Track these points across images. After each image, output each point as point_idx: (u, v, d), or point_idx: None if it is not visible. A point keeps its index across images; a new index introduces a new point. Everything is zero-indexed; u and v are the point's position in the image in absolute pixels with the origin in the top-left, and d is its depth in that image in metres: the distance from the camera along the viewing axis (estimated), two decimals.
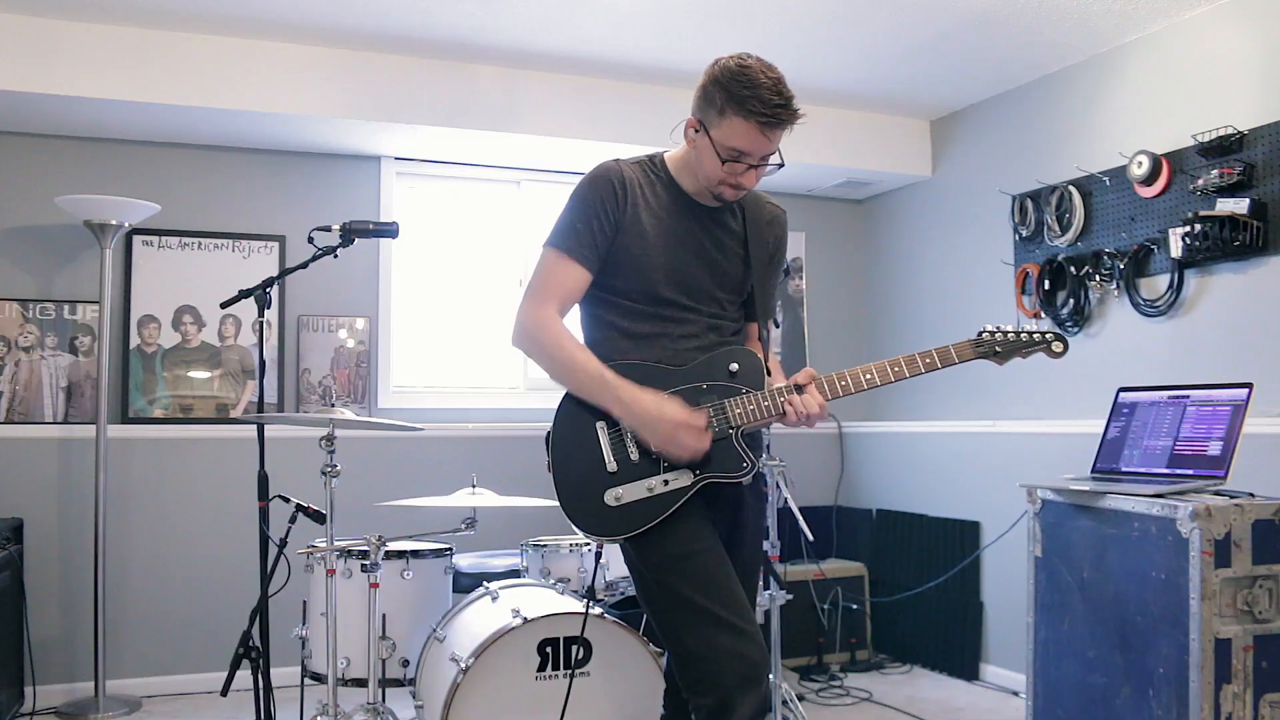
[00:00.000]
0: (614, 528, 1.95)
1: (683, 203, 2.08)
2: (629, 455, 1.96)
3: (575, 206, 2.04)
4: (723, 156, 1.95)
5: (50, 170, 4.27)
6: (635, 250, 2.03)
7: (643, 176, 2.08)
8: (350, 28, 3.95)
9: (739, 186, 2.01)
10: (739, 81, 1.92)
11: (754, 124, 1.92)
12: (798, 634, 4.58)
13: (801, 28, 3.96)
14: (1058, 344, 2.16)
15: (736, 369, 2.03)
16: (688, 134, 2.03)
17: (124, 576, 4.23)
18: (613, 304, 2.07)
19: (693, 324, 2.06)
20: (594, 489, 1.95)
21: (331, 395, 4.55)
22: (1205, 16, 3.69)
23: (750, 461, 2.00)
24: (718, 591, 1.92)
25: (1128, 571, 2.63)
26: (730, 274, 2.11)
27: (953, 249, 4.91)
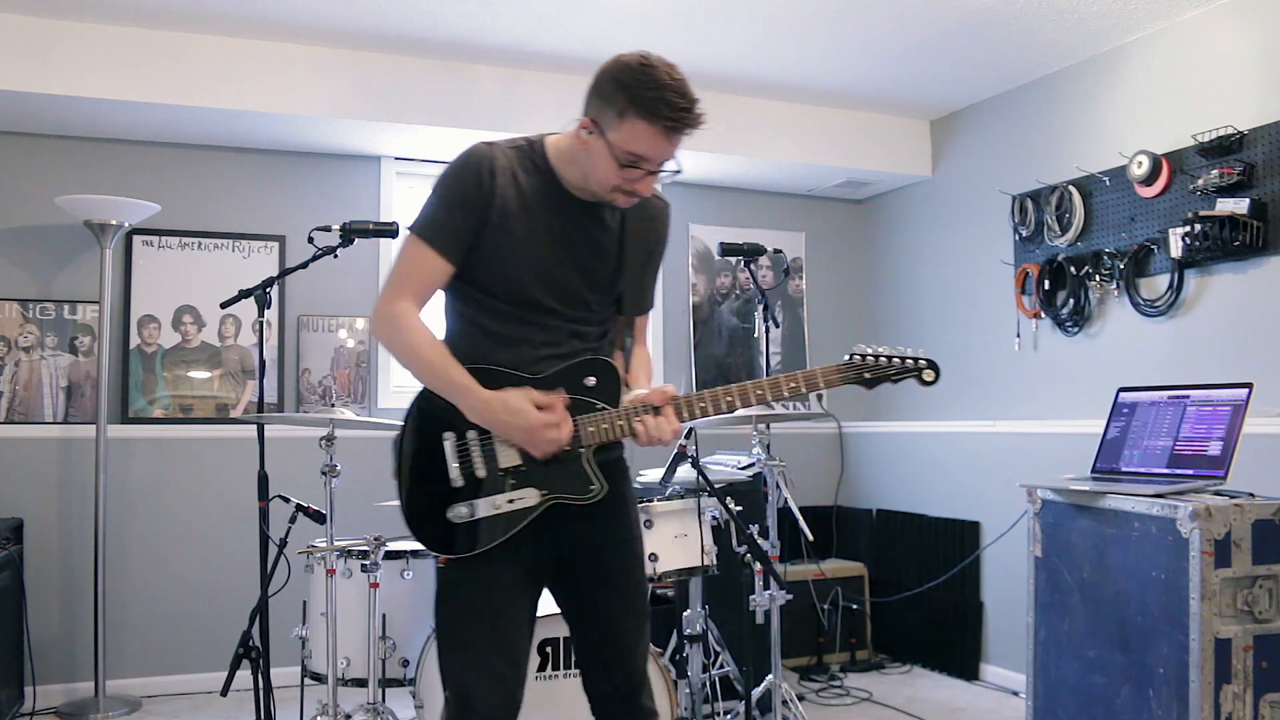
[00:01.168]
0: (453, 544, 1.85)
1: (559, 197, 1.91)
2: (474, 471, 1.86)
3: (439, 193, 1.88)
4: (620, 161, 1.79)
5: (50, 170, 4.27)
6: (502, 246, 1.87)
7: (518, 164, 1.89)
8: (350, 28, 3.95)
9: (633, 193, 1.86)
10: (642, 82, 1.76)
11: (658, 129, 1.77)
12: (798, 634, 4.58)
13: (801, 28, 3.96)
14: (929, 373, 2.02)
15: (593, 383, 1.90)
16: (579, 134, 1.84)
17: (124, 576, 4.23)
18: (476, 300, 1.92)
19: (556, 330, 1.92)
20: (437, 504, 1.85)
21: (331, 395, 4.55)
22: (1205, 16, 3.69)
23: (599, 483, 1.88)
24: (488, 628, 1.86)
25: (1128, 571, 2.63)
26: (602, 275, 1.96)
27: (953, 249, 4.91)
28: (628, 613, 2.00)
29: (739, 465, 3.71)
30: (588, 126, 1.83)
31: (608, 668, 2.00)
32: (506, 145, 1.92)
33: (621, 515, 2.02)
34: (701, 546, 3.15)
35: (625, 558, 2.01)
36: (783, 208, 5.47)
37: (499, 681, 1.87)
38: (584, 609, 2.01)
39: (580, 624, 2.02)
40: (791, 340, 5.45)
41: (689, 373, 5.18)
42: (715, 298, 5.34)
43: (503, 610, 1.89)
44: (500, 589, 1.89)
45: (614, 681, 1.99)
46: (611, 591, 1.99)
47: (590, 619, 2.00)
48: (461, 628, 1.88)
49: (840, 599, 4.77)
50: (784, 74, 4.48)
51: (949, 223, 4.96)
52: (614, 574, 1.99)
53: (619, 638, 1.99)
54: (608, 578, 1.99)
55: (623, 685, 1.99)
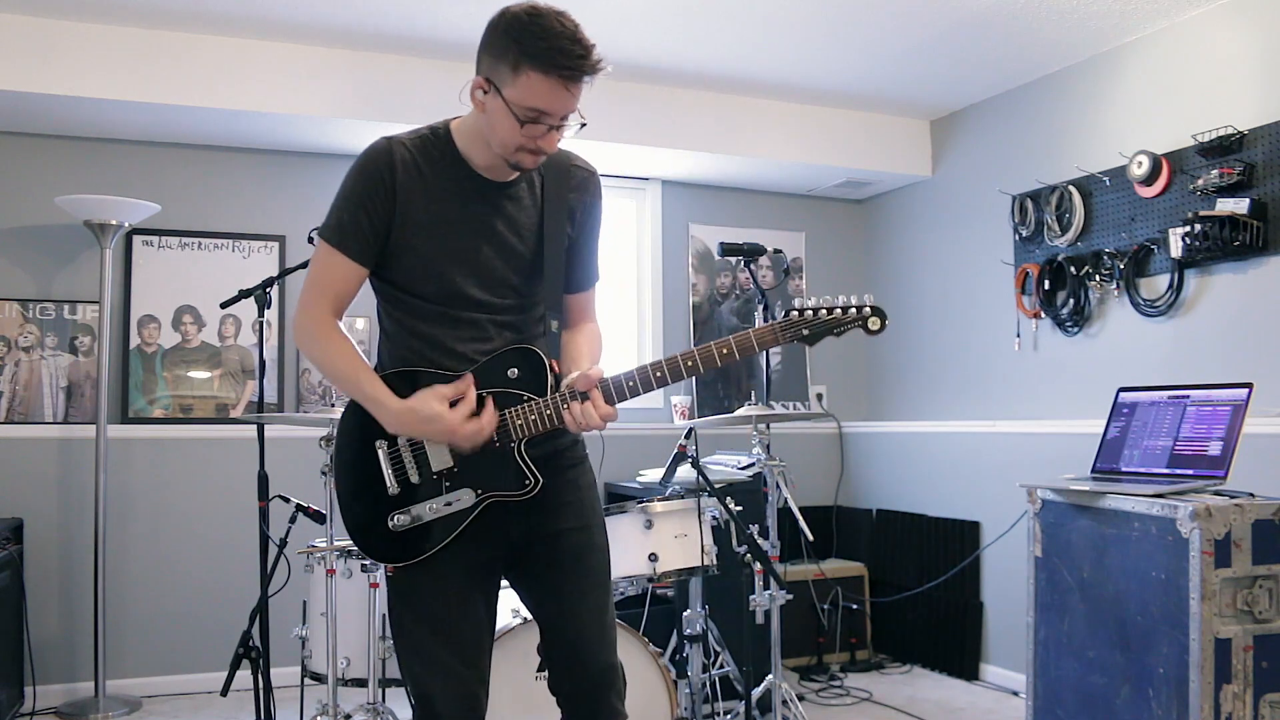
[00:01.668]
0: (398, 552, 1.82)
1: (469, 180, 1.84)
2: (409, 477, 1.82)
3: (343, 195, 1.82)
4: (521, 118, 1.72)
5: (50, 170, 4.27)
6: (415, 242, 1.81)
7: (421, 155, 1.83)
8: (350, 28, 3.95)
9: (539, 151, 1.77)
10: (532, 32, 1.69)
11: (555, 79, 1.69)
12: (798, 634, 4.58)
13: (801, 28, 3.96)
14: (874, 319, 1.86)
15: (515, 374, 1.83)
16: (475, 96, 1.78)
17: (124, 576, 4.23)
18: (401, 301, 1.87)
19: (483, 325, 1.86)
20: (377, 513, 1.82)
21: (331, 395, 4.55)
22: (1205, 16, 3.69)
23: (533, 478, 1.82)
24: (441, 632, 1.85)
25: (1128, 571, 2.63)
26: (525, 256, 1.88)
27: (953, 249, 4.91)
28: (584, 604, 1.92)
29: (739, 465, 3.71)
30: (482, 86, 1.77)
31: (568, 664, 1.94)
32: (407, 137, 1.86)
33: (574, 505, 1.94)
34: (701, 546, 3.15)
35: (577, 545, 1.93)
36: (783, 208, 5.47)
37: (458, 683, 1.84)
38: (539, 603, 1.95)
39: (539, 619, 1.97)
40: None
41: None
42: (715, 298, 5.34)
43: (454, 612, 1.86)
44: (450, 592, 1.86)
45: (576, 679, 1.94)
46: (563, 582, 1.92)
47: (545, 613, 1.95)
48: (415, 634, 1.86)
49: (840, 599, 4.77)
50: (784, 74, 4.48)
51: (949, 223, 4.96)
52: (565, 563, 1.92)
53: (576, 631, 1.92)
54: (559, 568, 1.92)
55: (585, 682, 1.93)
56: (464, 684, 1.85)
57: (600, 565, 1.97)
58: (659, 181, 5.17)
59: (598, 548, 1.97)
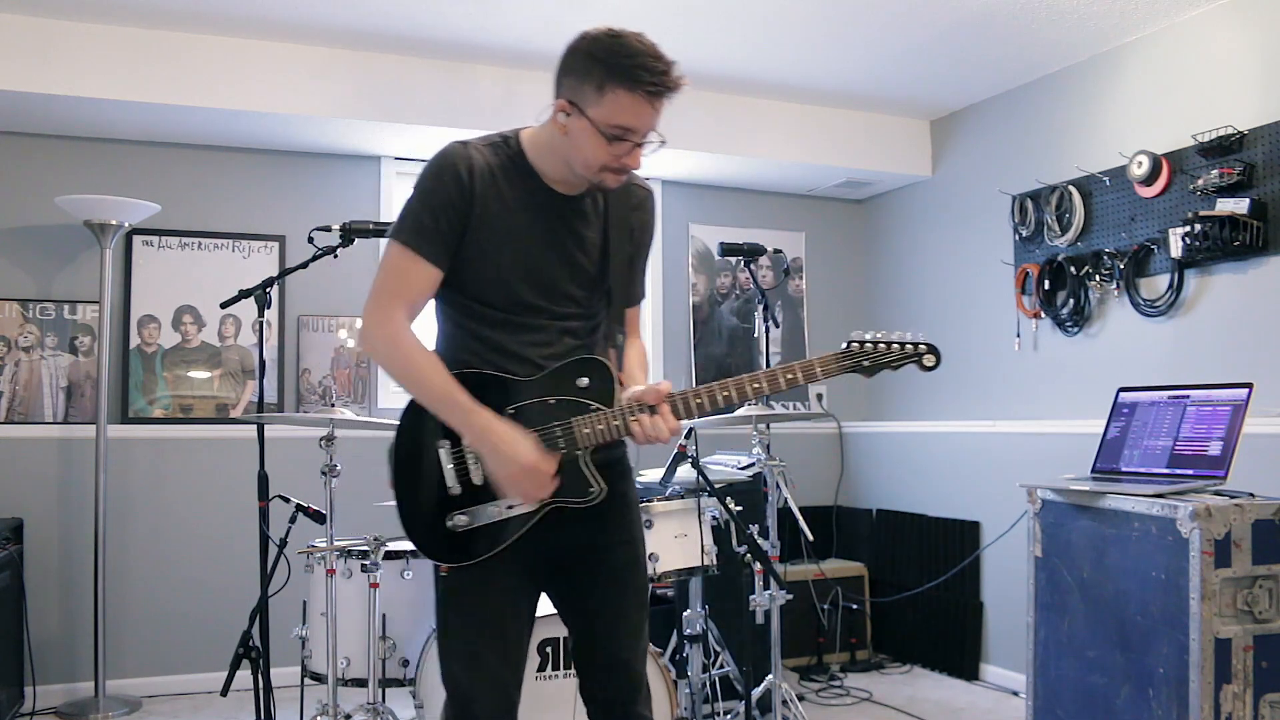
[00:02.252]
0: (455, 552, 1.83)
1: (540, 193, 1.87)
2: (471, 478, 1.83)
3: (420, 197, 1.82)
4: (608, 135, 1.76)
5: (50, 170, 4.27)
6: (487, 248, 1.83)
7: (495, 162, 1.85)
8: (350, 28, 3.95)
9: (623, 170, 1.81)
10: (615, 52, 1.75)
11: (640, 95, 1.74)
12: (798, 634, 4.58)
13: (801, 28, 3.96)
14: (929, 357, 1.97)
15: (586, 384, 1.85)
16: (557, 119, 1.81)
17: (124, 576, 4.23)
18: (463, 305, 1.88)
19: (547, 330, 1.88)
20: (437, 513, 1.83)
21: (331, 395, 4.55)
22: (1205, 16, 3.69)
23: (598, 485, 1.84)
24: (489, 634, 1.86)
25: (1128, 571, 2.63)
26: (588, 270, 1.92)
27: (953, 249, 4.91)
28: (624, 616, 1.96)
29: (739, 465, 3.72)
30: (565, 109, 1.80)
31: (604, 672, 1.96)
32: (482, 143, 1.88)
33: (621, 517, 1.98)
34: (701, 546, 3.15)
35: (624, 560, 1.97)
36: (783, 208, 5.47)
37: (499, 687, 1.86)
38: (581, 612, 1.98)
39: (577, 627, 1.99)
40: (791, 340, 5.45)
41: (689, 373, 5.18)
42: (715, 298, 5.34)
43: (503, 616, 1.88)
44: (500, 595, 1.87)
45: (610, 688, 1.96)
46: (609, 594, 1.96)
47: (587, 622, 1.97)
48: (463, 635, 1.87)
49: (840, 599, 4.77)
50: (784, 74, 4.48)
51: (949, 223, 4.96)
52: (611, 576, 1.96)
53: (615, 642, 1.96)
54: (605, 580, 1.95)
55: (619, 692, 1.96)
56: (504, 688, 1.87)
57: (643, 582, 2.01)
58: (659, 181, 5.17)
59: (640, 564, 2.01)
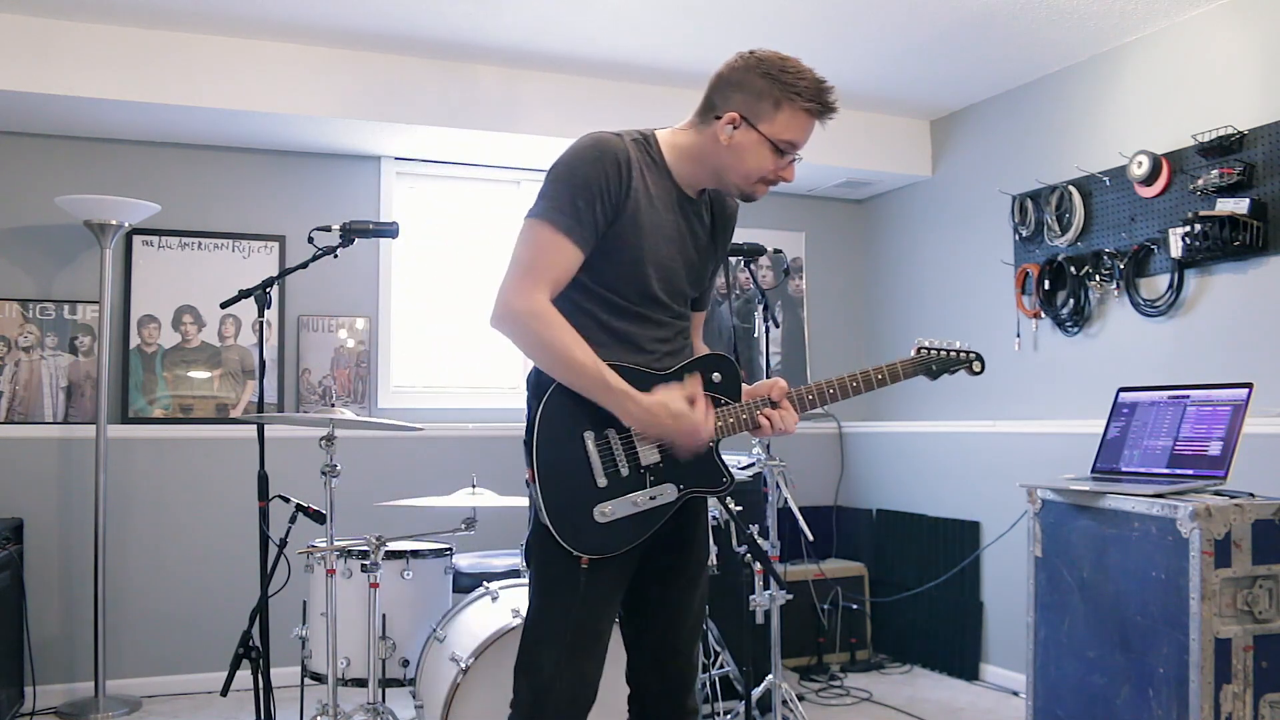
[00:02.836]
0: (604, 544, 1.85)
1: (674, 192, 1.96)
2: (618, 469, 1.87)
3: (575, 180, 1.84)
4: (781, 149, 1.90)
5: (50, 170, 4.27)
6: (630, 240, 1.88)
7: (641, 158, 1.92)
8: (350, 28, 3.95)
9: (777, 181, 1.96)
10: (791, 73, 1.88)
11: (812, 115, 1.90)
12: (798, 634, 4.58)
13: (801, 28, 3.96)
14: (977, 364, 2.17)
15: (719, 379, 1.96)
16: (723, 131, 1.89)
17: (124, 576, 4.23)
18: (595, 293, 1.91)
19: (668, 325, 1.98)
20: (584, 504, 1.85)
21: (331, 395, 4.55)
22: (1205, 16, 3.69)
23: (729, 475, 1.95)
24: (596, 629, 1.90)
25: (1128, 571, 2.63)
26: (700, 270, 2.04)
27: (953, 249, 4.91)
28: (691, 611, 2.05)
29: (739, 465, 3.72)
30: (734, 122, 1.89)
31: (663, 664, 2.02)
32: (629, 137, 1.93)
33: (703, 515, 2.09)
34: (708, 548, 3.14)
35: (700, 559, 2.08)
36: (783, 208, 5.47)
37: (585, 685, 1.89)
38: (651, 603, 2.02)
39: (642, 618, 2.03)
40: (791, 340, 5.45)
41: None
42: (715, 298, 5.32)
43: (605, 613, 1.92)
44: (614, 591, 1.93)
45: (667, 678, 2.02)
46: (682, 589, 2.03)
47: (655, 613, 2.02)
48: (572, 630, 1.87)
49: (840, 599, 4.77)
50: None
51: (949, 223, 4.96)
52: (686, 572, 2.04)
53: (678, 635, 2.03)
54: (681, 575, 2.03)
55: (674, 683, 2.03)
56: (589, 684, 1.90)
57: (705, 581, 2.12)
58: None
59: (706, 565, 2.12)
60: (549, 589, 1.91)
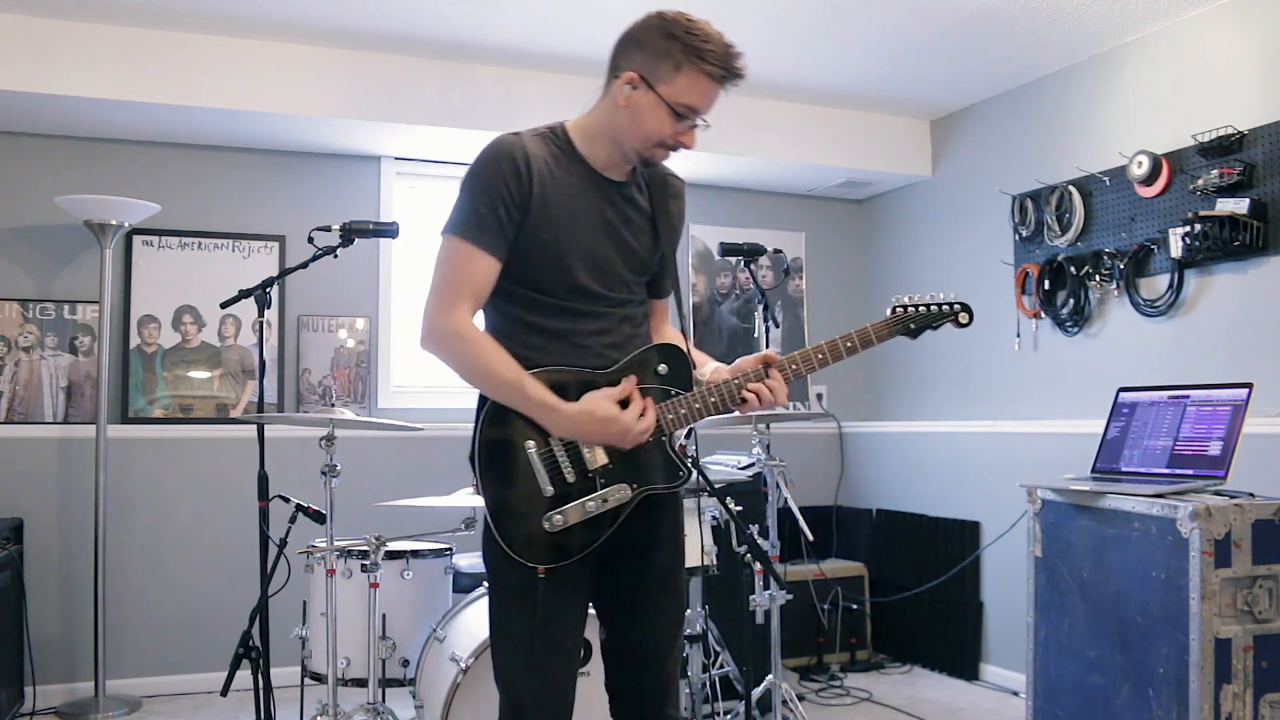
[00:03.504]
0: (558, 553, 1.81)
1: (591, 178, 1.90)
2: (564, 476, 1.82)
3: (476, 189, 1.82)
4: (678, 113, 1.82)
5: (50, 170, 4.27)
6: (545, 235, 1.83)
7: (546, 150, 1.87)
8: (350, 28, 3.95)
9: (675, 147, 1.87)
10: (695, 35, 1.81)
11: (714, 80, 1.83)
12: (798, 634, 4.58)
13: (801, 28, 3.96)
14: (964, 314, 2.07)
15: (665, 370, 1.89)
16: (621, 91, 1.83)
17: (124, 576, 4.23)
18: (520, 295, 1.87)
19: (605, 316, 1.90)
20: (533, 515, 1.80)
21: (331, 395, 4.55)
22: (1205, 16, 3.69)
23: (685, 469, 1.88)
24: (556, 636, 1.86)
25: (1128, 571, 2.63)
26: (640, 254, 1.95)
27: (953, 249, 4.91)
28: (665, 615, 1.98)
29: (739, 465, 3.72)
30: (632, 82, 1.83)
31: (639, 670, 1.97)
32: (531, 134, 1.90)
33: (672, 516, 2.00)
34: (701, 546, 3.15)
35: (670, 559, 1.99)
36: (783, 208, 5.47)
37: (556, 688, 1.86)
38: (621, 608, 1.98)
39: (616, 622, 1.99)
40: (791, 340, 5.45)
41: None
42: (715, 298, 5.34)
43: (564, 617, 1.87)
44: (575, 597, 1.88)
45: (643, 685, 1.97)
46: (651, 593, 1.96)
47: (626, 619, 1.97)
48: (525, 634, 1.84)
49: (840, 599, 4.77)
50: (784, 74, 4.48)
51: (949, 223, 4.96)
52: (656, 576, 1.97)
53: (652, 640, 1.96)
54: (650, 579, 1.96)
55: (651, 690, 1.97)
56: (561, 688, 1.87)
57: (683, 585, 2.04)
58: None
59: (682, 567, 2.04)
60: (508, 599, 1.87)
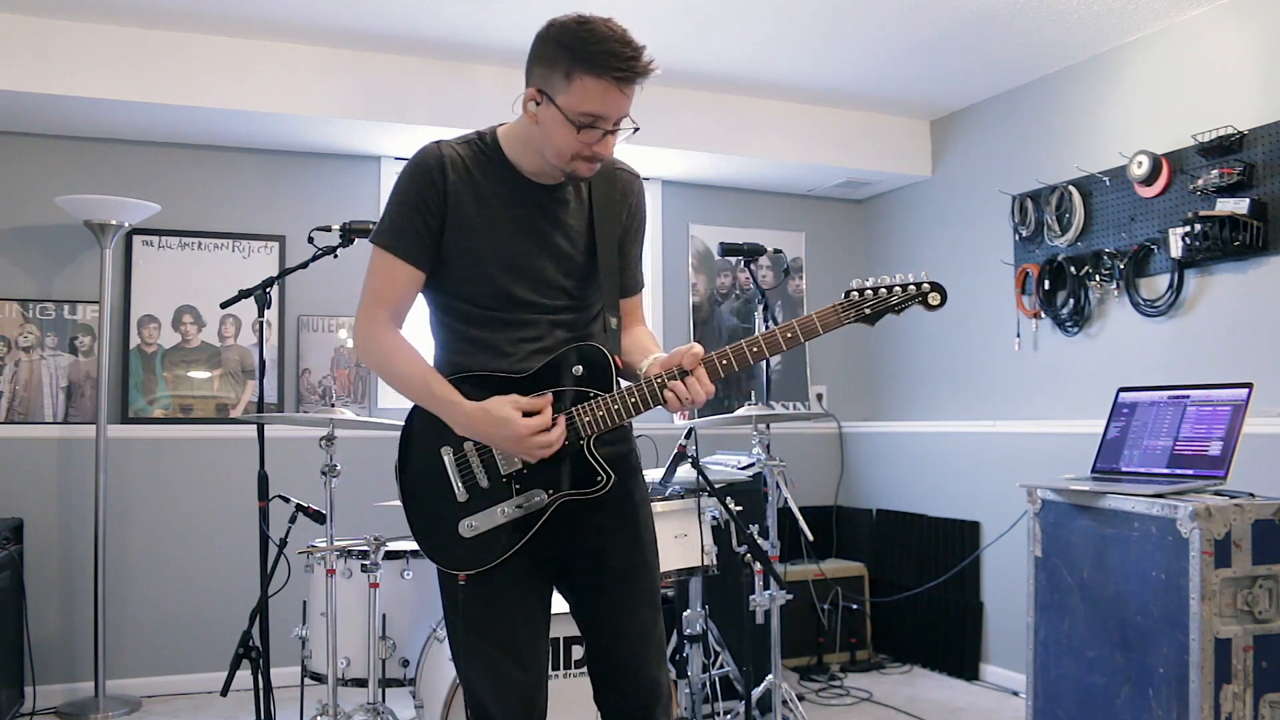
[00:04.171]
0: (472, 559, 1.80)
1: (518, 185, 1.86)
2: (478, 481, 1.81)
3: (396, 198, 1.84)
4: (577, 124, 1.74)
5: (50, 170, 4.27)
6: (466, 244, 1.82)
7: (470, 158, 1.85)
8: (350, 28, 3.95)
9: (594, 158, 1.80)
10: (582, 38, 1.73)
11: (608, 81, 1.73)
12: (798, 634, 4.58)
13: (801, 28, 3.96)
14: (934, 295, 1.90)
15: (581, 371, 1.83)
16: (527, 109, 1.80)
17: (124, 576, 4.23)
18: (450, 305, 1.87)
19: (536, 325, 1.86)
20: (447, 521, 1.80)
21: (331, 395, 4.55)
22: (1205, 16, 3.69)
23: (605, 474, 1.83)
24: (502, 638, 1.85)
25: (1128, 571, 2.63)
26: (576, 259, 1.89)
27: (953, 249, 4.91)
28: (632, 618, 1.92)
29: (739, 465, 3.71)
30: (534, 98, 1.79)
31: (616, 679, 1.93)
32: (457, 142, 1.88)
33: (627, 515, 1.94)
34: (701, 546, 3.15)
35: (629, 561, 1.92)
36: (783, 208, 5.47)
37: (514, 689, 1.84)
38: (587, 615, 1.95)
39: (585, 631, 1.96)
40: None
41: None
42: (715, 298, 5.34)
43: (513, 620, 1.85)
44: (513, 596, 1.86)
45: (621, 693, 1.92)
46: (615, 597, 1.91)
47: (595, 627, 1.94)
48: (472, 639, 1.84)
49: (840, 599, 4.77)
50: (784, 74, 4.48)
51: (949, 223, 4.96)
52: (617, 578, 1.92)
53: (625, 646, 1.92)
54: (611, 582, 1.92)
55: (632, 699, 1.92)
56: (521, 689, 1.85)
57: (651, 584, 1.96)
58: (659, 181, 5.17)
59: (648, 566, 1.96)
60: (449, 607, 1.88)
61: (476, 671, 1.85)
